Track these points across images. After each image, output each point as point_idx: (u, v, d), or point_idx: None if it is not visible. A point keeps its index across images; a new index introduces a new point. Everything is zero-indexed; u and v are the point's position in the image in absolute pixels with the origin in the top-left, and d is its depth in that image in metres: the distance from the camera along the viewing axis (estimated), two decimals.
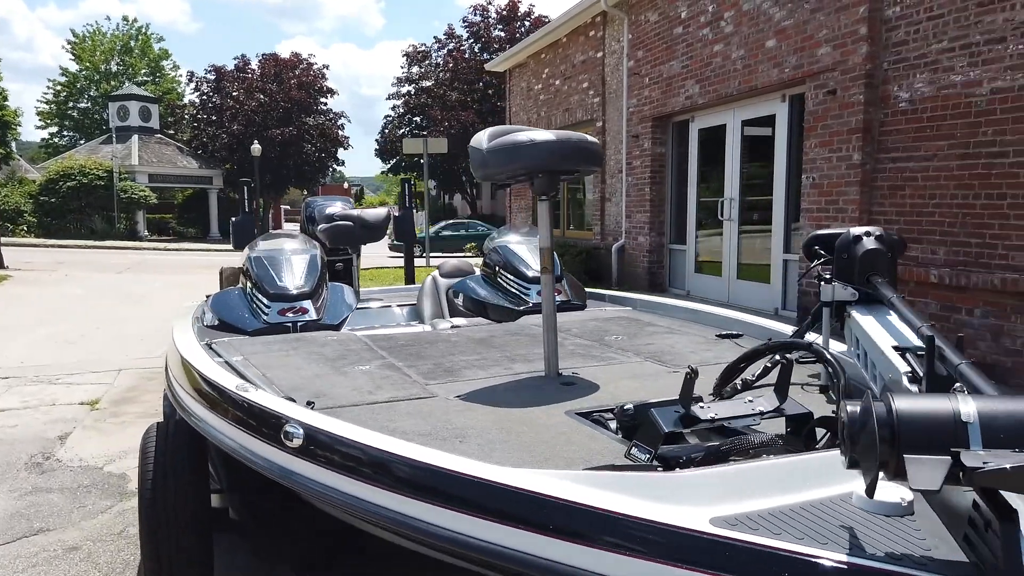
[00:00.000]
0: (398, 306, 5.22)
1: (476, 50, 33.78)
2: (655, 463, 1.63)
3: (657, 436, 1.67)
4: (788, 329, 3.27)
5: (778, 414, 1.75)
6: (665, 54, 9.96)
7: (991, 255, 5.76)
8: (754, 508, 1.28)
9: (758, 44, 8.14)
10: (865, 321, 2.29)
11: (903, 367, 1.84)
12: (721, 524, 1.22)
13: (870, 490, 1.09)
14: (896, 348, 1.94)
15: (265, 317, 3.67)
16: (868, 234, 2.45)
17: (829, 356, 1.81)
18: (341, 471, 1.66)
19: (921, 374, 1.69)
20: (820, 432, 1.77)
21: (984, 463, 0.95)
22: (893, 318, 2.20)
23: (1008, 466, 0.92)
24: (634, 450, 1.70)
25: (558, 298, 4.30)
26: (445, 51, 34.84)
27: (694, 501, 1.30)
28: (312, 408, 2.11)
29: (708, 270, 9.67)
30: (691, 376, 1.71)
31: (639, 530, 1.23)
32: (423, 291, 5.13)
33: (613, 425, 2.04)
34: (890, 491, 1.32)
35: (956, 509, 1.20)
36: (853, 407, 1.10)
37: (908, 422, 1.03)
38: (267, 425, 1.92)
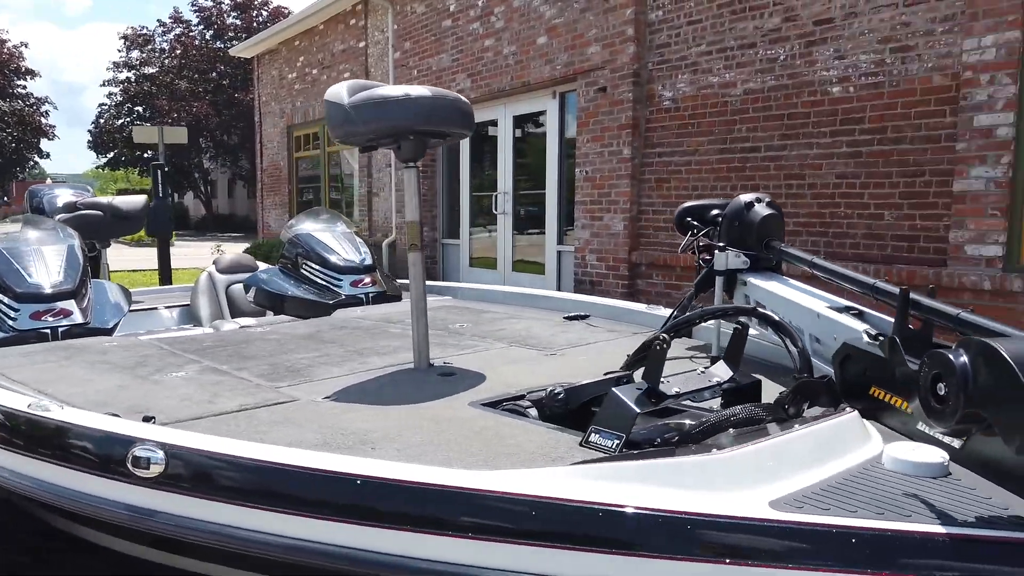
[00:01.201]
0: (166, 308, 4.49)
1: (208, 37, 31.20)
2: (624, 449, 1.44)
3: (626, 418, 1.47)
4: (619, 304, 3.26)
5: (733, 384, 1.64)
6: (434, 47, 9.84)
7: None
8: (799, 486, 1.13)
9: (529, 41, 8.31)
10: (772, 286, 2.29)
11: (856, 325, 1.84)
12: (783, 507, 1.05)
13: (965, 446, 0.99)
14: (835, 308, 1.94)
15: (12, 323, 2.90)
16: (759, 200, 2.47)
17: (782, 321, 1.74)
18: (244, 502, 1.24)
19: (874, 332, 1.69)
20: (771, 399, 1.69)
21: None
22: (795, 282, 2.22)
23: None
24: (595, 436, 1.48)
25: (373, 289, 3.96)
26: (172, 36, 31.75)
27: (737, 485, 1.12)
28: (155, 424, 1.61)
29: (483, 264, 9.73)
30: (662, 347, 1.54)
31: (699, 526, 1.02)
32: (197, 290, 4.47)
33: (533, 413, 1.81)
34: (926, 452, 1.25)
35: (994, 460, 1.16)
36: (958, 356, 0.99)
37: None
38: (98, 452, 1.42)
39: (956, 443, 1.28)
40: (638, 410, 1.48)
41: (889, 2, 5.31)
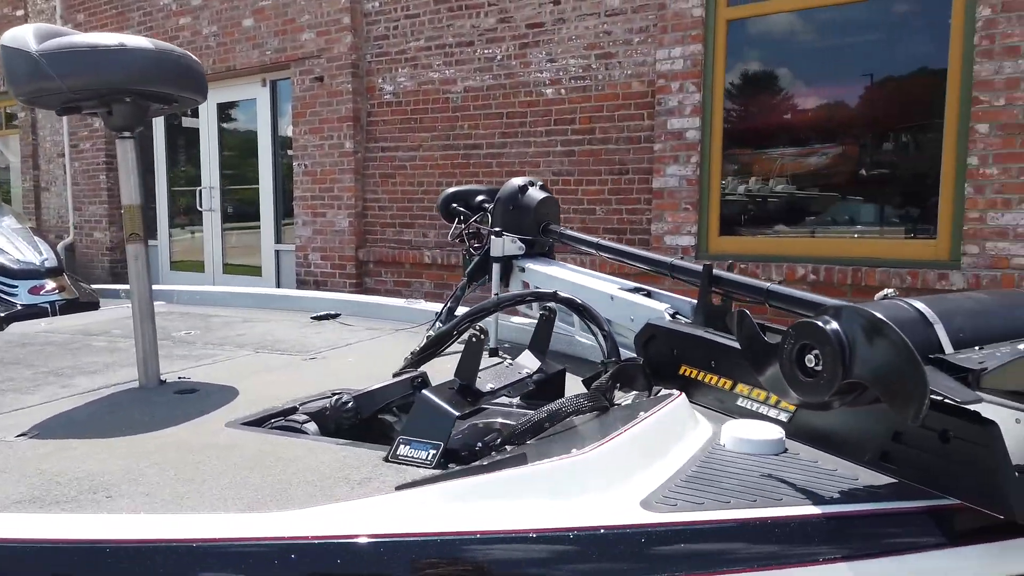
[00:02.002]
0: None
1: None
2: (441, 459, 1.25)
3: (444, 424, 1.28)
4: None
5: (542, 375, 1.53)
6: (116, 21, 8.62)
7: None
8: (658, 480, 1.05)
9: (234, 22, 7.64)
10: (553, 271, 2.22)
11: (655, 304, 1.81)
12: (657, 508, 0.96)
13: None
14: (627, 290, 1.92)
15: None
16: (532, 183, 2.40)
17: (586, 305, 1.65)
18: None
19: (672, 311, 1.69)
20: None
21: (981, 364, 0.90)
22: (574, 266, 2.18)
23: (1009, 360, 0.89)
24: (405, 448, 1.28)
25: (60, 296, 3.31)
26: None
27: (600, 488, 1.00)
28: None
29: (187, 267, 8.77)
30: (479, 339, 1.36)
31: (580, 542, 0.88)
32: None
33: (313, 428, 1.54)
34: (763, 429, 1.23)
35: (824, 431, 1.18)
36: (829, 324, 0.95)
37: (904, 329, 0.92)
38: None
39: (783, 417, 1.30)
40: (456, 413, 1.31)
41: (593, 11, 5.71)
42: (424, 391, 1.34)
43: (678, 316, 1.73)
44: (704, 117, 5.27)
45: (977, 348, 0.97)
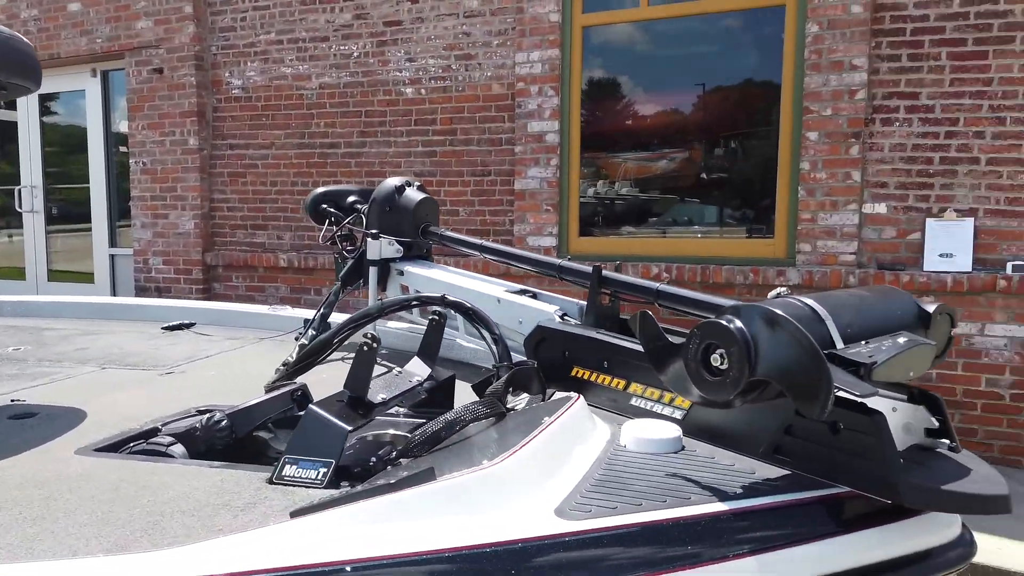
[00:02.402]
0: None
1: None
2: (333, 477, 1.18)
3: (335, 439, 1.20)
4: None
5: (433, 382, 1.47)
6: None
7: None
8: (568, 487, 1.03)
9: (58, 6, 6.97)
10: (434, 274, 2.16)
11: (544, 307, 1.79)
12: (572, 515, 0.95)
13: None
14: (513, 292, 1.88)
15: None
16: (409, 184, 2.32)
17: (476, 308, 1.60)
18: None
19: (561, 313, 1.67)
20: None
21: (871, 358, 0.95)
22: (456, 269, 2.13)
23: (895, 354, 0.94)
24: (292, 468, 1.19)
25: None
26: None
27: (511, 500, 0.96)
28: None
29: (6, 273, 7.91)
30: (371, 348, 1.29)
31: (484, 560, 0.84)
32: None
33: (179, 450, 1.41)
34: (661, 428, 1.25)
35: (717, 426, 1.21)
36: (734, 323, 0.97)
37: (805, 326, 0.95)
38: None
39: (677, 415, 1.33)
40: (348, 427, 1.23)
41: (451, 12, 5.69)
42: (312, 405, 1.26)
43: (567, 318, 1.73)
44: (562, 120, 5.39)
45: (864, 343, 1.03)
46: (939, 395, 1.06)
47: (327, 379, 1.59)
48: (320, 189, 2.67)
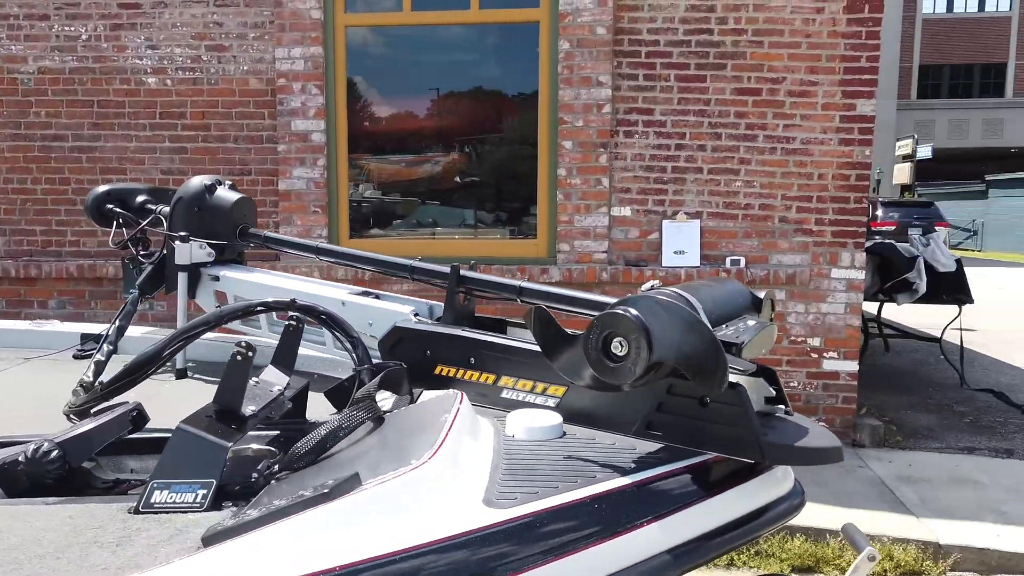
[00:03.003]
0: None
1: None
2: (213, 499, 1.11)
3: (215, 457, 1.12)
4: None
5: (293, 390, 1.40)
6: None
7: (60, 242, 5.55)
8: (482, 480, 1.07)
9: None
10: (258, 278, 2.01)
11: (396, 307, 1.74)
12: (500, 504, 0.99)
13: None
14: (356, 294, 1.81)
15: None
16: (220, 182, 2.13)
17: (329, 311, 1.53)
18: None
19: (416, 312, 1.65)
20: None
21: (738, 338, 1.10)
22: (281, 272, 2.00)
23: (755, 334, 1.10)
24: (162, 494, 1.09)
25: None
26: None
27: (435, 500, 0.98)
28: None
29: None
30: (246, 356, 1.20)
31: (427, 556, 0.87)
32: None
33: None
34: (544, 416, 1.32)
35: (589, 409, 1.31)
36: (631, 312, 1.07)
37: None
38: None
39: (551, 403, 1.41)
40: (228, 443, 1.15)
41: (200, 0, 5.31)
42: (182, 423, 1.17)
43: (418, 318, 1.75)
44: (328, 120, 5.29)
45: (724, 326, 1.21)
46: (774, 368, 1.29)
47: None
48: (102, 187, 2.38)
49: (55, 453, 1.24)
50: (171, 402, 1.49)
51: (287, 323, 1.45)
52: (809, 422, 1.26)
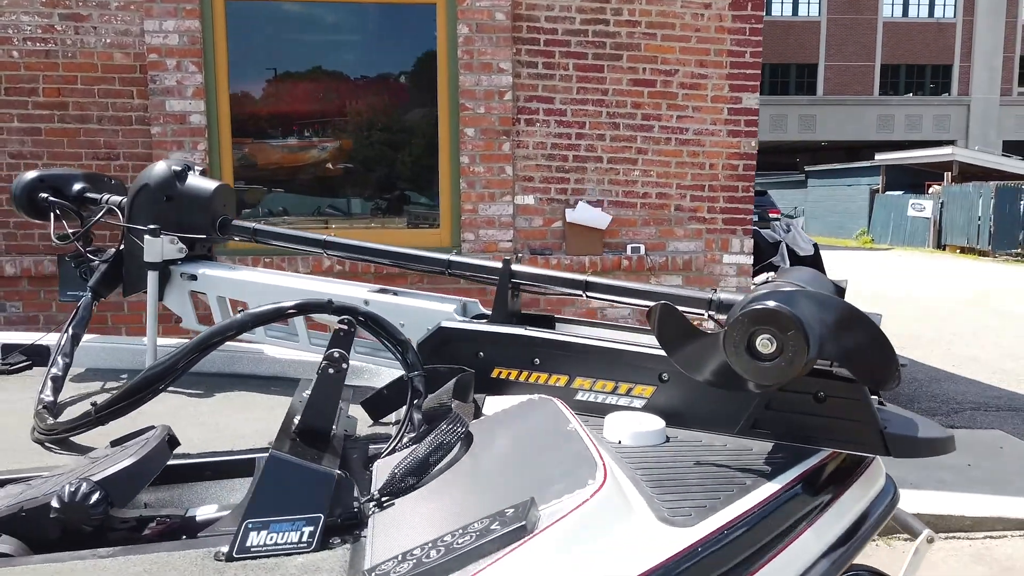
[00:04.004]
0: None
1: None
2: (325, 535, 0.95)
3: (322, 488, 0.96)
4: None
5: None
6: None
7: None
8: (639, 497, 0.98)
9: None
10: (247, 275, 1.75)
11: (433, 306, 1.57)
12: (681, 522, 0.92)
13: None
14: (377, 292, 1.61)
15: None
16: (189, 168, 1.83)
17: (371, 312, 1.33)
18: None
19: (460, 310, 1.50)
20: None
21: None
22: (269, 269, 1.76)
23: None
24: (259, 535, 0.92)
25: None
26: None
27: (622, 524, 0.88)
28: None
29: None
30: (339, 371, 1.02)
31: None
32: None
33: (7, 546, 0.98)
34: (647, 420, 1.23)
35: (684, 409, 1.25)
36: (786, 308, 1.01)
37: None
38: None
39: (637, 404, 1.33)
40: (336, 472, 0.99)
41: None
42: (275, 451, 0.99)
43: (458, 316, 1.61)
44: (209, 101, 4.86)
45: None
46: None
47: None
48: (31, 173, 2.01)
49: (97, 495, 1.02)
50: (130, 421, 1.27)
51: (337, 327, 1.27)
52: (904, 411, 1.27)
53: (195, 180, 1.90)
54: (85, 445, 1.39)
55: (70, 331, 1.75)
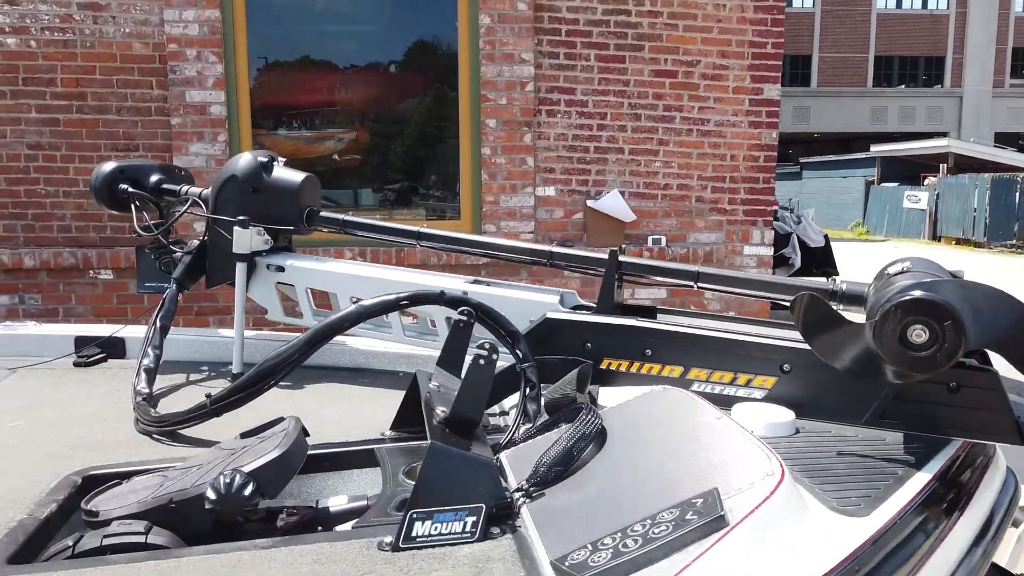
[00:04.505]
0: None
1: None
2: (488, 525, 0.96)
3: (484, 478, 0.96)
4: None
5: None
6: None
7: None
8: (800, 487, 0.97)
9: None
10: (338, 267, 1.73)
11: (537, 297, 1.55)
12: (855, 513, 0.92)
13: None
14: (471, 282, 1.61)
15: None
16: (273, 159, 1.80)
17: (482, 304, 1.32)
18: None
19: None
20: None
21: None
22: (345, 258, 1.74)
23: None
24: (424, 525, 0.93)
25: None
26: None
27: (807, 516, 0.88)
28: None
29: None
30: (489, 362, 1.01)
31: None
32: None
33: (165, 537, 0.97)
34: (777, 411, 1.23)
35: (812, 397, 1.25)
36: (942, 298, 1.00)
37: None
38: None
39: (757, 395, 1.32)
40: (493, 461, 0.98)
41: None
42: (436, 442, 0.98)
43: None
44: (229, 91, 4.82)
45: None
46: None
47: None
48: (110, 165, 1.98)
49: (251, 487, 1.01)
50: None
51: (456, 319, 1.26)
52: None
53: (281, 171, 1.88)
54: (194, 438, 1.37)
55: (158, 323, 1.73)
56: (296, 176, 1.88)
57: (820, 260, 7.58)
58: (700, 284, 1.56)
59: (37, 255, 4.69)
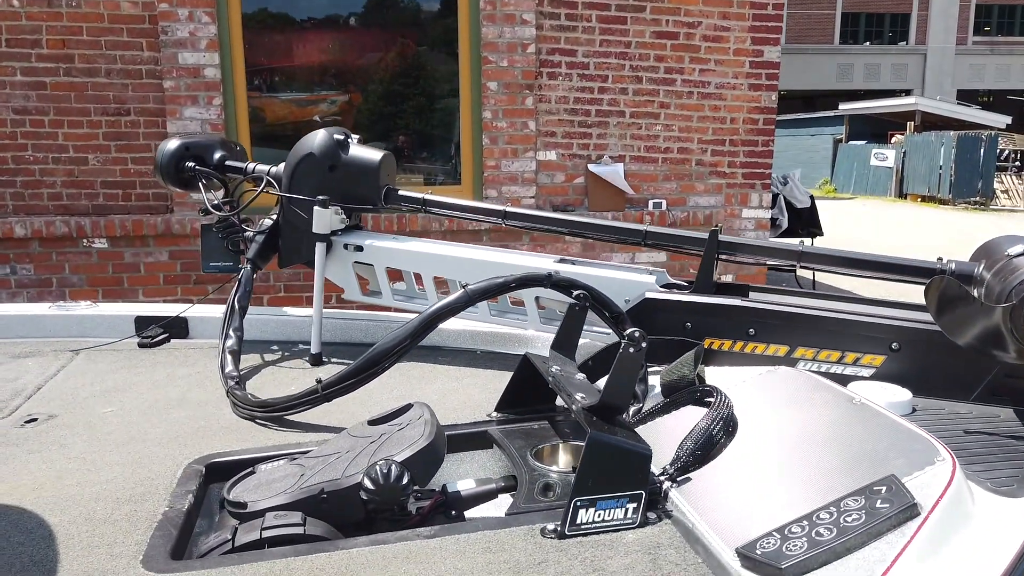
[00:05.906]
0: None
1: None
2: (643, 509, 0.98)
3: (641, 465, 0.97)
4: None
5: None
6: None
7: None
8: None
9: None
10: (417, 247, 1.70)
11: (634, 277, 1.54)
12: (1012, 494, 0.94)
13: None
14: (562, 262, 1.59)
15: None
16: (347, 135, 1.75)
17: (588, 286, 1.31)
18: None
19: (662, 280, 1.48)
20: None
21: None
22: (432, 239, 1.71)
23: None
24: (587, 512, 0.95)
25: None
26: None
27: (985, 500, 0.91)
28: None
29: None
30: (638, 350, 1.02)
31: None
32: None
33: (322, 527, 0.98)
34: (894, 390, 1.25)
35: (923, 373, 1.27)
36: None
37: None
38: None
39: (864, 373, 1.35)
40: (649, 449, 1.00)
41: None
42: (595, 432, 0.99)
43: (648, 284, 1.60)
44: (223, 53, 4.67)
45: None
46: None
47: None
48: (175, 141, 1.91)
49: (406, 477, 1.01)
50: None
51: (571, 303, 1.26)
52: None
53: (358, 150, 1.83)
54: (299, 422, 1.36)
55: (236, 304, 1.70)
56: (375, 154, 1.84)
57: (806, 221, 7.68)
58: (804, 264, 1.57)
59: (28, 224, 4.54)
